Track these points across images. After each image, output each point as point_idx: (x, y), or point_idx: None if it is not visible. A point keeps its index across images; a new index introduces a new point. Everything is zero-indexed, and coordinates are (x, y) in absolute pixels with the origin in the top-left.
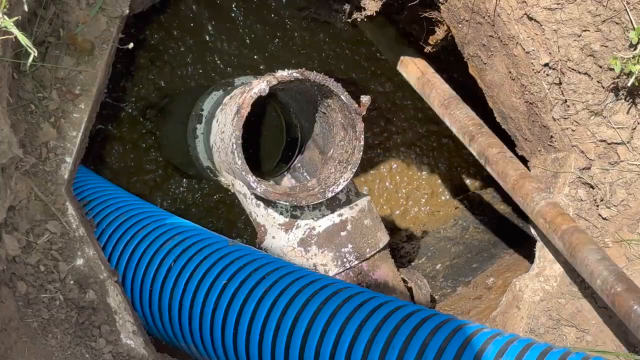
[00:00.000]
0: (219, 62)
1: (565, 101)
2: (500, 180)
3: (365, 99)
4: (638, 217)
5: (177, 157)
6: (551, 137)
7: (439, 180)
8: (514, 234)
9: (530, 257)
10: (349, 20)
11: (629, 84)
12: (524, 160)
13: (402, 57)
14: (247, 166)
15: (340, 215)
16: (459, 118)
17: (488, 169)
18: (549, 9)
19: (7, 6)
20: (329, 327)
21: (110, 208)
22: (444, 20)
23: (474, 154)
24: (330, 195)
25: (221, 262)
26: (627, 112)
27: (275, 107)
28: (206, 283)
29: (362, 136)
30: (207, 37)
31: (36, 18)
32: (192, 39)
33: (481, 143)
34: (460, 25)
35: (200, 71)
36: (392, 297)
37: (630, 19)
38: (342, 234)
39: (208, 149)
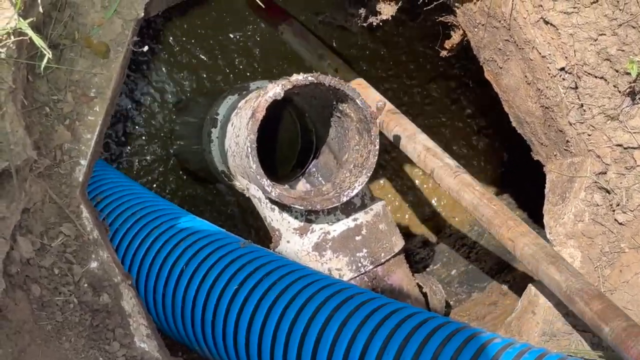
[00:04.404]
0: (234, 66)
1: (582, 105)
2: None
3: (380, 103)
4: None
5: (192, 161)
6: (567, 141)
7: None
8: None
9: None
10: (364, 24)
11: None
12: (539, 165)
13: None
14: (261, 170)
15: (355, 219)
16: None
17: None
18: (565, 13)
19: (23, 8)
20: (340, 334)
21: (123, 206)
22: (459, 25)
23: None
24: (345, 199)
25: (233, 265)
26: None
27: (290, 112)
28: (218, 286)
29: (377, 140)
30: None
31: (51, 20)
32: (208, 43)
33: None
34: (476, 30)
35: (216, 75)
36: (405, 303)
37: None
38: (357, 238)
39: (223, 153)
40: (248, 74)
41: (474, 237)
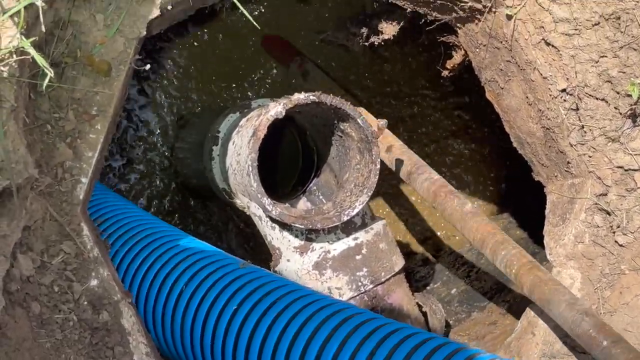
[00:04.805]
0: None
1: (582, 127)
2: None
3: (381, 123)
4: None
5: (192, 179)
6: (568, 162)
7: None
8: None
9: None
10: (366, 43)
11: None
12: (540, 186)
13: None
14: (262, 189)
15: (356, 238)
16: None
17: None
18: (566, 35)
19: (25, 26)
20: (339, 355)
21: (124, 228)
22: (461, 45)
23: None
24: (345, 218)
25: (232, 285)
26: None
27: (292, 130)
28: (217, 306)
29: (378, 160)
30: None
31: (53, 38)
32: (210, 61)
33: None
34: (477, 50)
35: (217, 94)
36: (404, 324)
37: None
38: (357, 257)
39: (224, 171)
40: (249, 93)
41: (474, 256)
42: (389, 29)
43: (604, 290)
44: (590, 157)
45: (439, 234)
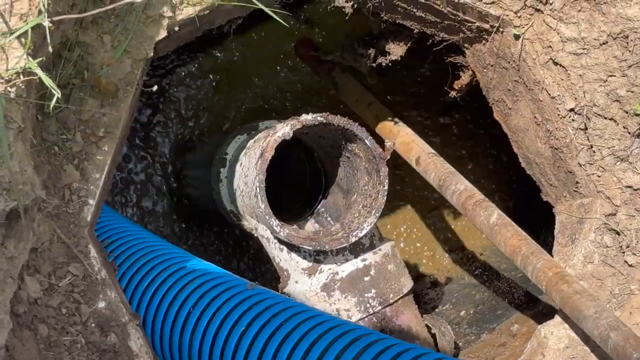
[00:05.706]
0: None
1: (591, 147)
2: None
3: (389, 144)
4: None
5: (200, 200)
6: (577, 182)
7: (465, 226)
8: None
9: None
10: (373, 64)
11: None
12: (549, 206)
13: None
14: (270, 210)
15: (364, 260)
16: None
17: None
18: (574, 54)
19: (32, 47)
20: None
21: (131, 250)
22: (469, 65)
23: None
24: (353, 240)
25: (241, 306)
26: None
27: (299, 151)
28: (225, 328)
29: (386, 181)
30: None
31: (61, 60)
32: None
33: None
34: (485, 70)
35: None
36: (413, 344)
37: None
38: (366, 279)
39: (232, 192)
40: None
41: (483, 277)
42: (396, 50)
43: (614, 310)
44: (599, 176)
45: (448, 256)
